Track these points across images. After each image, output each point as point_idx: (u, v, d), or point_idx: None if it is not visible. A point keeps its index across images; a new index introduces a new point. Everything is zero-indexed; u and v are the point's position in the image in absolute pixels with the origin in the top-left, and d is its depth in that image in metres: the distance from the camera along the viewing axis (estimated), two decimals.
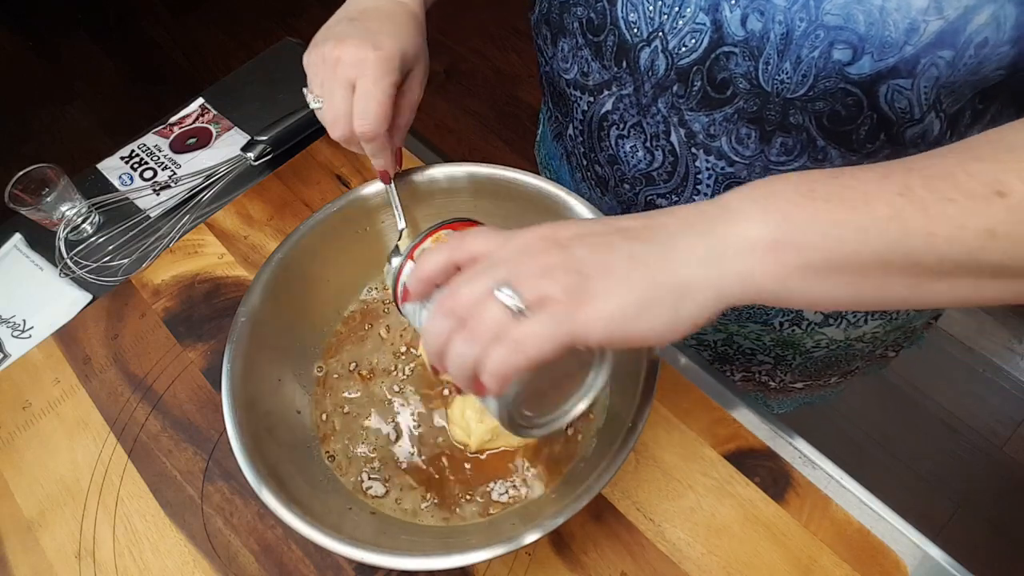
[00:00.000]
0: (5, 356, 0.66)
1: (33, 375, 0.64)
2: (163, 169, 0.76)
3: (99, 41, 2.26)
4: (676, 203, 0.52)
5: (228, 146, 0.77)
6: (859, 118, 0.40)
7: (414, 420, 0.53)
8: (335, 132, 0.49)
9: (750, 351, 0.65)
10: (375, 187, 0.57)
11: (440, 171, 0.57)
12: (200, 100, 0.82)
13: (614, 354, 0.39)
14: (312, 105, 0.50)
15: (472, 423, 0.51)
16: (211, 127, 0.79)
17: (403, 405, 0.54)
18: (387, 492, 0.50)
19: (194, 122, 0.80)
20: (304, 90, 0.51)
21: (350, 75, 0.47)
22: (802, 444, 0.55)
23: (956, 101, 0.39)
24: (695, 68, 0.43)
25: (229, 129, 0.79)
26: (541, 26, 0.53)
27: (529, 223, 0.56)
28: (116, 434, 0.60)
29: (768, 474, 0.53)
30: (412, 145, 0.75)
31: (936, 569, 0.50)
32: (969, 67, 0.35)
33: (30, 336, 0.67)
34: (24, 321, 0.68)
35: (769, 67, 0.40)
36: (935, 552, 0.51)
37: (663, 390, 0.57)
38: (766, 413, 0.56)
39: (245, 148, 0.72)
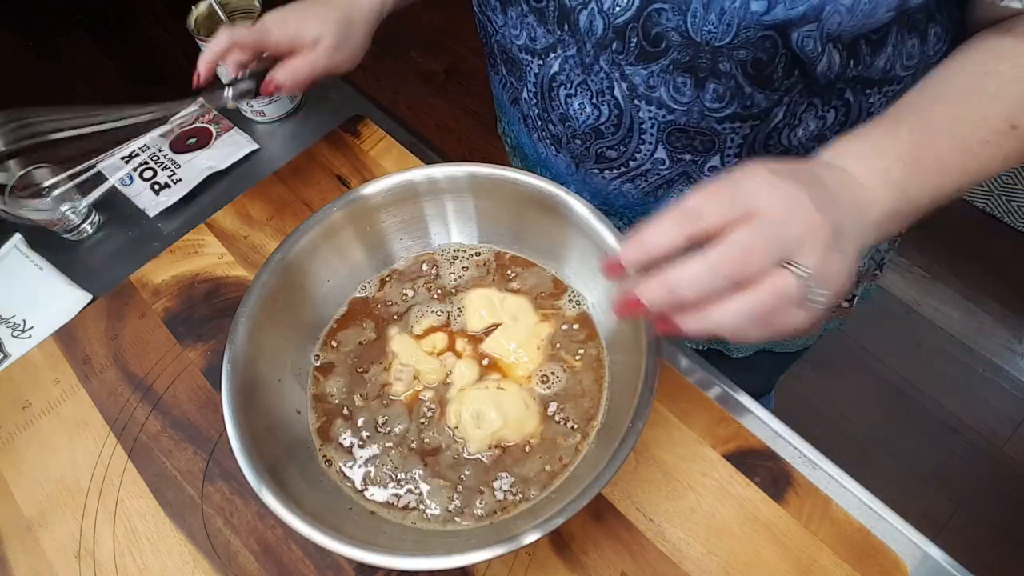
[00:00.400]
0: (5, 356, 0.66)
1: (33, 375, 0.64)
2: (163, 169, 0.76)
3: (99, 41, 2.26)
4: (624, 154, 0.56)
5: (228, 146, 0.77)
6: (776, 59, 0.44)
7: (414, 420, 0.53)
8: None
9: None
10: (375, 187, 0.57)
11: (440, 171, 0.57)
12: (200, 100, 0.82)
13: (615, 354, 0.39)
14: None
15: (470, 428, 0.51)
16: (211, 127, 0.79)
17: (403, 405, 0.54)
18: (387, 493, 0.50)
19: (194, 122, 0.80)
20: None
21: None
22: (802, 444, 0.55)
23: (853, 37, 0.44)
24: (630, 26, 0.46)
25: (229, 129, 0.79)
26: None
27: (529, 223, 0.57)
28: (116, 434, 0.60)
29: (768, 474, 0.53)
30: (412, 145, 0.75)
31: (936, 569, 0.50)
32: (865, 12, 0.41)
33: (30, 336, 0.67)
34: (24, 321, 0.68)
35: (696, 19, 0.44)
36: (935, 552, 0.51)
37: (663, 390, 0.57)
38: (766, 413, 0.56)
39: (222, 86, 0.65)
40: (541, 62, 0.54)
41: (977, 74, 0.43)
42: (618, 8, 0.46)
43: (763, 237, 0.33)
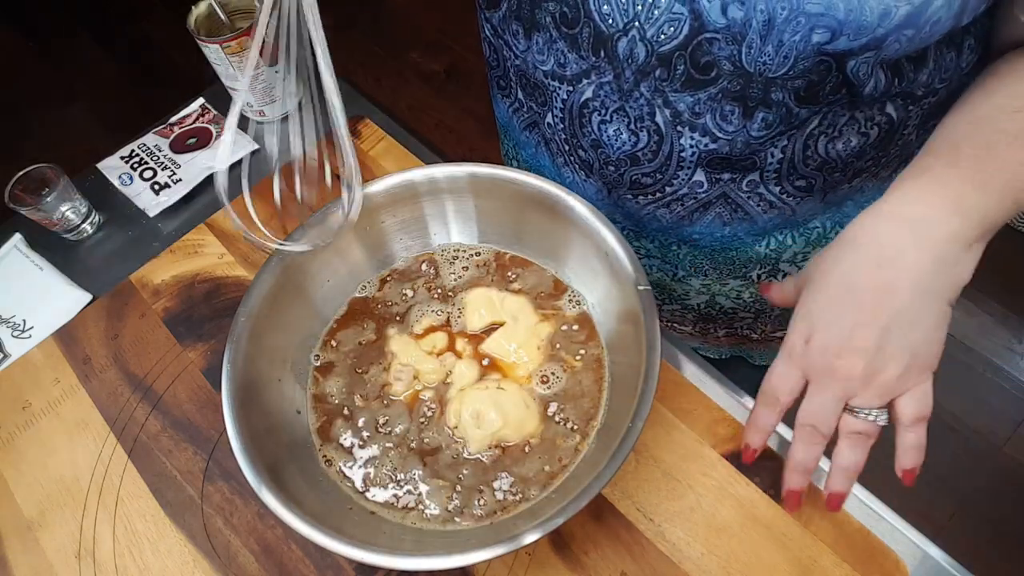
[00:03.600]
0: (5, 356, 0.66)
1: (33, 375, 0.64)
2: (163, 169, 0.76)
3: (99, 41, 2.26)
4: (660, 180, 0.54)
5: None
6: (827, 80, 0.43)
7: (414, 420, 0.53)
8: None
9: (731, 309, 0.67)
10: (375, 187, 0.57)
11: (440, 171, 0.57)
12: (200, 100, 0.82)
13: (615, 354, 0.39)
14: None
15: (470, 428, 0.51)
16: (211, 127, 0.79)
17: (402, 405, 0.54)
18: (387, 493, 0.50)
19: (194, 122, 0.80)
20: None
21: None
22: None
23: (898, 57, 0.44)
24: (677, 54, 0.44)
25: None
26: (510, 23, 0.54)
27: (529, 223, 0.57)
28: (116, 434, 0.60)
29: (768, 474, 0.53)
30: (412, 145, 0.75)
31: (936, 569, 0.50)
32: (924, 38, 0.40)
33: (30, 336, 0.67)
34: (24, 321, 0.68)
35: (752, 50, 0.42)
36: (935, 552, 0.51)
37: (663, 390, 0.57)
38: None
39: None
40: (571, 88, 0.52)
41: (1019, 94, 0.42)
42: (663, 36, 0.44)
43: (829, 408, 0.42)
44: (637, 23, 0.44)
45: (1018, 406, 1.42)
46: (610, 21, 0.45)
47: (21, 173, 0.70)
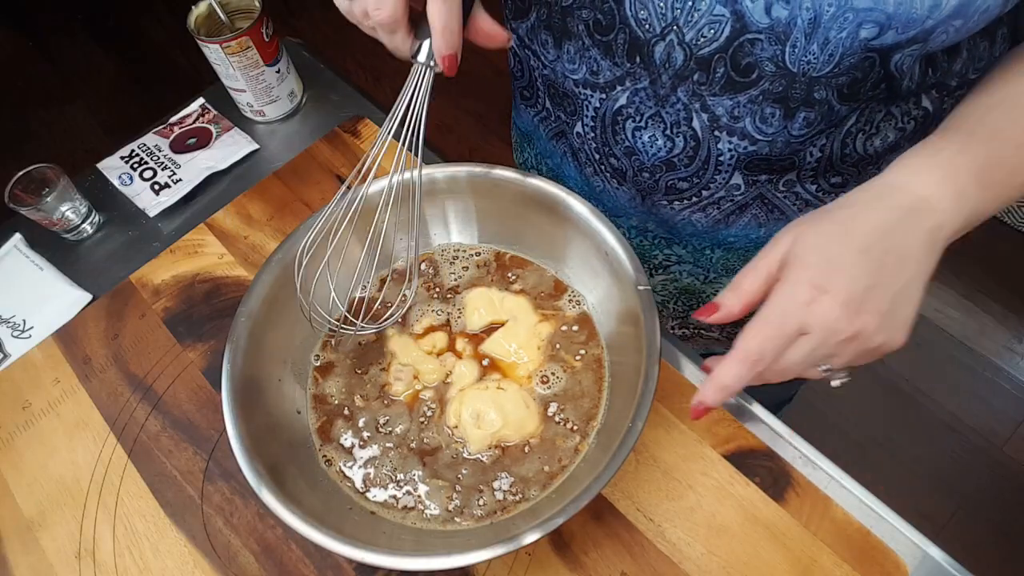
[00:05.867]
0: (5, 356, 0.66)
1: (33, 375, 0.64)
2: (163, 169, 0.76)
3: (99, 41, 2.26)
4: (697, 184, 0.52)
5: (228, 146, 0.77)
6: (869, 76, 0.42)
7: (414, 420, 0.53)
8: (382, 13, 0.40)
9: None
10: (375, 187, 0.56)
11: (440, 171, 0.57)
12: (200, 100, 0.82)
13: (616, 354, 0.39)
14: None
15: (470, 428, 0.51)
16: (211, 127, 0.79)
17: (402, 405, 0.54)
18: (386, 493, 0.50)
19: (194, 122, 0.80)
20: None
21: None
22: (802, 444, 0.55)
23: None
24: (717, 56, 0.43)
25: (229, 129, 0.79)
26: (539, 32, 0.53)
27: (529, 222, 0.57)
28: (116, 434, 0.60)
29: (768, 474, 0.53)
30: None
31: (936, 569, 0.50)
32: (969, 30, 0.38)
33: (30, 336, 0.67)
34: (24, 321, 0.68)
35: (796, 49, 0.40)
36: (935, 552, 0.50)
37: (663, 390, 0.57)
38: (766, 413, 0.56)
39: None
40: (604, 96, 0.51)
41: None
42: (703, 39, 0.42)
43: (802, 358, 0.39)
44: (675, 27, 0.43)
45: (1018, 406, 1.42)
46: (647, 26, 0.44)
47: (21, 173, 0.70)
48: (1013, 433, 1.40)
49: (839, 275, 0.37)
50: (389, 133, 0.46)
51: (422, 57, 0.44)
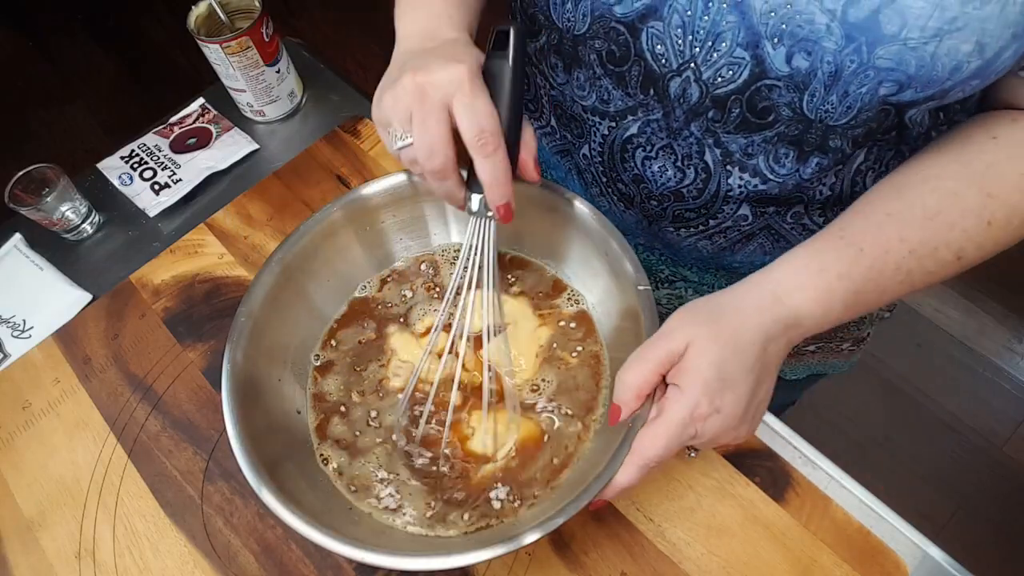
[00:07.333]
0: (5, 356, 0.66)
1: (33, 375, 0.64)
2: (163, 169, 0.76)
3: (99, 41, 2.26)
4: (704, 215, 0.52)
5: (228, 146, 0.77)
6: (883, 126, 0.43)
7: (412, 421, 0.53)
8: (433, 162, 0.42)
9: None
10: (375, 187, 0.56)
11: None
12: (200, 100, 0.82)
13: (615, 352, 0.39)
14: (398, 144, 0.44)
15: (471, 442, 0.51)
16: (211, 127, 0.79)
17: (400, 404, 0.54)
18: (384, 493, 0.50)
19: (194, 122, 0.80)
20: (388, 134, 0.45)
21: (444, 95, 0.41)
22: (802, 444, 0.55)
23: None
24: (733, 97, 0.43)
25: (229, 129, 0.79)
26: (549, 56, 0.52)
27: (529, 223, 0.57)
28: (116, 434, 0.60)
29: (768, 474, 0.53)
30: None
31: (936, 569, 0.50)
32: (983, 86, 0.39)
33: (30, 336, 0.67)
34: (24, 321, 0.68)
35: (815, 99, 0.41)
36: (935, 552, 0.51)
37: None
38: (766, 413, 0.56)
39: None
40: (614, 124, 0.50)
41: (947, 192, 0.41)
42: (720, 79, 0.42)
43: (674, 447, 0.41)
44: (693, 64, 0.43)
45: (1018, 406, 1.42)
46: (663, 60, 0.43)
47: (21, 173, 0.70)
48: (1013, 433, 1.40)
49: (730, 395, 0.40)
50: (462, 284, 0.49)
51: (474, 206, 0.46)
